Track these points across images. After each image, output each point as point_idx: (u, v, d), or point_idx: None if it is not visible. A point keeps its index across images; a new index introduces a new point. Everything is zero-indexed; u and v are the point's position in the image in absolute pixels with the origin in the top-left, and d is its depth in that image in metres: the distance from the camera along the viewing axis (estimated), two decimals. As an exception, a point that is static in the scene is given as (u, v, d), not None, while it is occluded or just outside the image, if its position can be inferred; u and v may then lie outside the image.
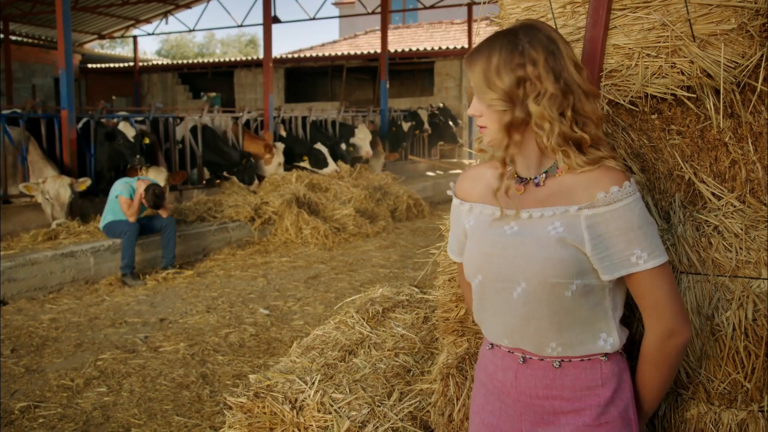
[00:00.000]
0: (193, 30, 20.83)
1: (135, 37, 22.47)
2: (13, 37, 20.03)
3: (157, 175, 8.31)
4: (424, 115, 14.70)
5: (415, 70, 20.57)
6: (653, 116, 1.96)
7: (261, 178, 10.26)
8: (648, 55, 1.81)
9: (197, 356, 4.73)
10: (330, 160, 11.01)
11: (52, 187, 7.52)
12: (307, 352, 2.39)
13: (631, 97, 1.88)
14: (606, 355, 1.53)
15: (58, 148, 8.32)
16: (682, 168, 1.91)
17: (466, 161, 16.86)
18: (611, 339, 1.52)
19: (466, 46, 17.95)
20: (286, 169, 10.62)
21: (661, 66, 1.81)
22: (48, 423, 3.72)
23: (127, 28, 22.19)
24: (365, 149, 12.58)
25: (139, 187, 7.15)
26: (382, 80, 14.30)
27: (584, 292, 1.49)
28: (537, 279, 1.48)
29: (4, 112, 9.29)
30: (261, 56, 23.53)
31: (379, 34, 28.54)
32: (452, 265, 1.97)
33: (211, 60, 24.93)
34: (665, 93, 1.83)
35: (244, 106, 11.58)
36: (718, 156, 1.92)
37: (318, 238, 8.79)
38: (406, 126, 14.31)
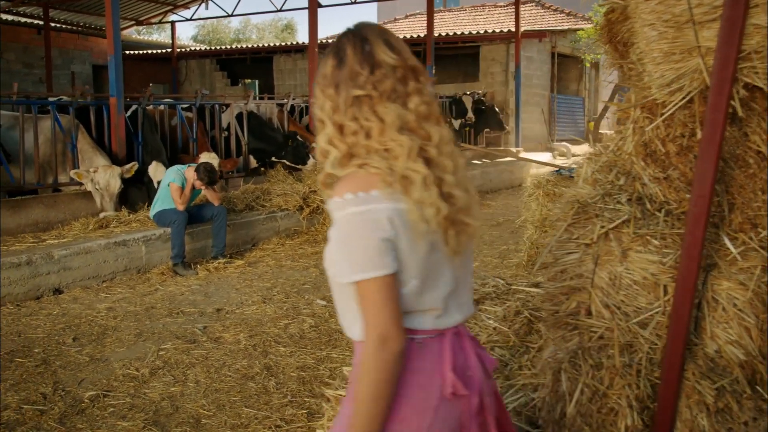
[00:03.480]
0: (232, 15, 20.97)
1: (173, 23, 22.72)
2: (53, 24, 20.37)
3: (209, 160, 8.39)
4: (468, 102, 14.60)
5: (458, 55, 20.44)
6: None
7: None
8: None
9: (259, 347, 4.78)
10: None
11: (103, 177, 7.65)
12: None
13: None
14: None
15: (107, 136, 8.44)
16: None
17: (513, 149, 16.73)
18: (355, 328, 1.63)
19: (513, 29, 17.75)
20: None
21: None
22: (118, 412, 3.80)
23: (165, 13, 22.40)
24: None
25: (189, 175, 7.23)
26: (428, 65, 14.22)
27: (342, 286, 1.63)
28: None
29: (51, 99, 9.49)
30: (298, 41, 23.66)
31: (419, 18, 28.51)
32: (564, 256, 1.95)
33: (249, 45, 25.04)
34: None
35: (289, 93, 11.63)
36: None
37: (367, 227, 8.80)
38: (456, 123, 14.24)
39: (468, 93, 15.36)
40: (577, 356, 1.91)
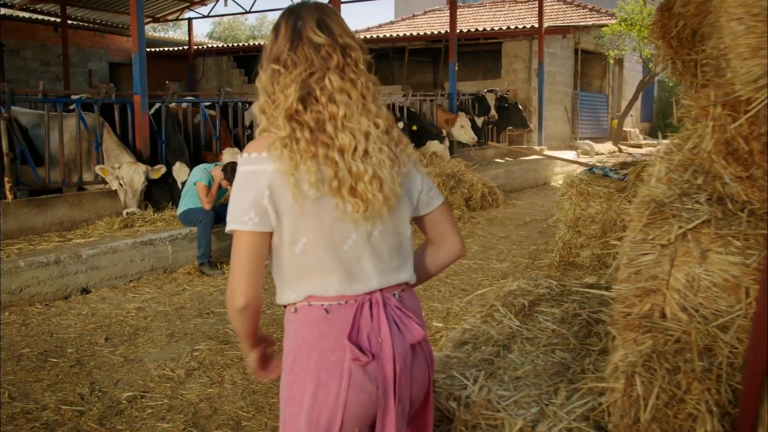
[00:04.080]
0: (250, 12, 21.04)
1: (190, 20, 22.84)
2: (69, 21, 20.52)
3: (232, 157, 8.42)
4: (491, 99, 14.56)
5: (479, 51, 20.39)
6: None
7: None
8: None
9: (293, 348, 4.78)
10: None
11: (127, 173, 7.70)
12: (460, 346, 2.39)
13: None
14: None
15: (131, 134, 8.50)
16: None
17: (537, 147, 16.67)
18: None
19: (535, 25, 17.67)
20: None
21: None
22: (157, 413, 3.82)
23: (182, 10, 22.53)
24: (470, 135, 13.33)
25: (216, 173, 7.26)
26: (451, 62, 14.20)
27: None
28: None
29: (74, 97, 9.56)
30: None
31: (439, 14, 28.50)
32: (639, 257, 1.93)
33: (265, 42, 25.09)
34: None
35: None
36: None
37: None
38: (479, 121, 14.23)
39: (490, 90, 15.31)
40: (651, 360, 1.89)
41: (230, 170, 7.13)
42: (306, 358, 1.78)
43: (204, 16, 22.20)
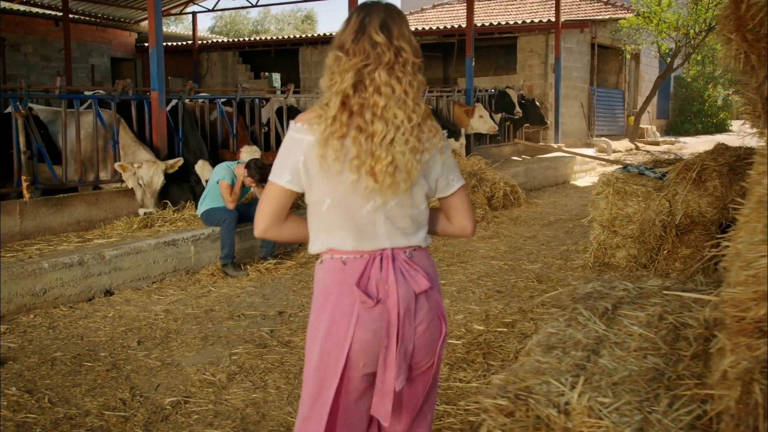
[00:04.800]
0: (255, 6, 21.02)
1: (194, 14, 22.80)
2: (70, 15, 20.51)
3: (250, 154, 8.41)
4: (513, 96, 14.53)
5: (491, 46, 20.36)
6: None
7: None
8: None
9: (333, 352, 4.76)
10: None
11: (147, 173, 7.67)
12: (548, 351, 2.37)
13: None
14: None
15: (147, 131, 8.47)
16: None
17: (554, 144, 16.65)
18: None
19: (552, 19, 17.64)
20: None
21: None
22: (203, 419, 3.81)
23: (186, 4, 22.53)
24: (490, 124, 13.34)
25: (239, 171, 7.24)
26: (468, 57, 14.16)
27: None
28: None
29: (87, 93, 9.54)
30: (324, 33, 23.62)
31: (448, 8, 28.49)
32: (757, 260, 1.91)
33: (274, 37, 25.09)
34: None
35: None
36: None
37: (416, 227, 8.78)
38: (497, 117, 14.21)
39: (509, 87, 15.27)
40: (768, 366, 1.87)
41: (254, 168, 7.11)
42: (325, 300, 2.21)
43: (209, 10, 22.19)
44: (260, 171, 7.11)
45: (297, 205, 8.63)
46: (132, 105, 8.43)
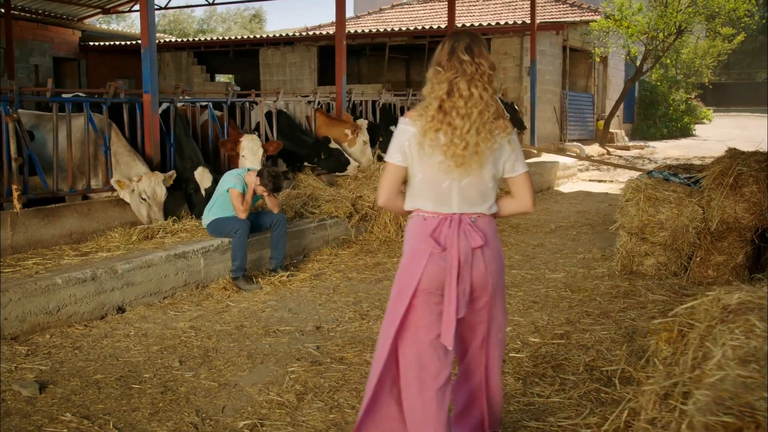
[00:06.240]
0: (213, 4, 20.79)
1: (145, 12, 22.36)
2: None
3: (251, 143, 8.35)
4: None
5: (466, 48, 20.54)
6: None
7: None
8: None
9: (392, 368, 4.75)
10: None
11: (148, 186, 7.49)
12: (745, 364, 2.42)
13: None
14: None
15: (139, 137, 8.30)
16: None
17: (534, 150, 16.90)
18: None
19: (528, 21, 17.94)
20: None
21: None
22: (288, 443, 3.75)
23: (134, 1, 22.11)
24: None
25: (250, 179, 7.14)
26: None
27: None
28: None
29: (66, 96, 9.28)
30: (289, 33, 23.47)
31: (407, 9, 28.64)
32: None
33: (231, 37, 24.80)
34: None
35: (315, 90, 11.58)
36: None
37: (421, 236, 8.81)
38: None
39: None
40: None
41: (267, 176, 7.02)
42: (409, 246, 3.19)
43: (162, 8, 21.84)
44: (274, 180, 7.03)
45: (300, 214, 8.63)
46: (124, 109, 8.24)
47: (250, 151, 8.53)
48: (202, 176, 7.92)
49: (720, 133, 28.07)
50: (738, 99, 42.58)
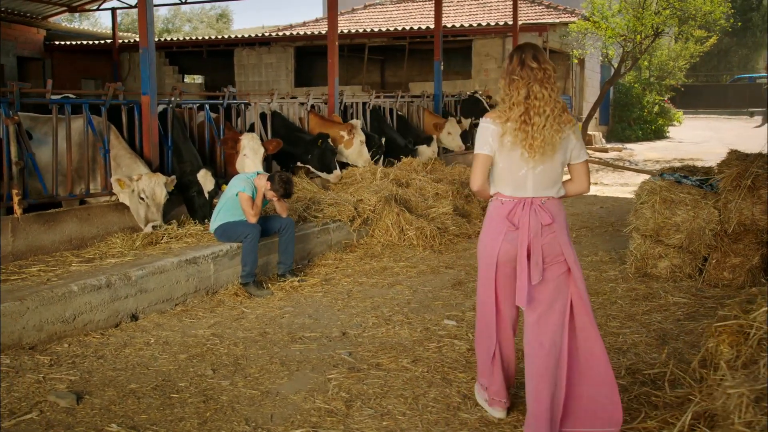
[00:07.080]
0: (186, 3, 20.61)
1: (114, 9, 22.13)
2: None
3: (252, 141, 8.33)
4: (484, 103, 14.80)
5: (447, 49, 20.65)
6: None
7: (343, 165, 10.26)
8: None
9: (432, 373, 4.77)
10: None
11: (148, 186, 7.41)
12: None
13: None
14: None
15: (138, 138, 8.19)
16: None
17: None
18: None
19: (510, 22, 18.10)
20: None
21: None
22: (348, 451, 3.75)
23: (104, -1, 21.84)
24: (457, 143, 13.51)
25: (260, 183, 7.11)
26: (436, 60, 14.37)
27: None
28: None
29: (54, 97, 9.11)
30: (265, 33, 23.32)
31: (380, 9, 28.69)
32: None
33: (205, 36, 24.59)
34: None
35: (308, 92, 11.52)
36: None
37: (424, 239, 8.85)
38: (466, 123, 14.39)
39: (476, 92, 15.55)
40: None
41: (278, 181, 6.99)
42: (488, 226, 3.96)
43: (130, 6, 21.55)
44: (285, 185, 7.00)
45: (303, 218, 8.60)
46: (123, 110, 8.14)
47: (251, 150, 8.50)
48: (205, 179, 7.86)
49: (692, 135, 28.63)
50: (705, 101, 43.34)
